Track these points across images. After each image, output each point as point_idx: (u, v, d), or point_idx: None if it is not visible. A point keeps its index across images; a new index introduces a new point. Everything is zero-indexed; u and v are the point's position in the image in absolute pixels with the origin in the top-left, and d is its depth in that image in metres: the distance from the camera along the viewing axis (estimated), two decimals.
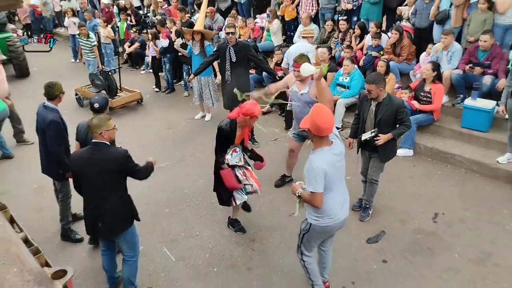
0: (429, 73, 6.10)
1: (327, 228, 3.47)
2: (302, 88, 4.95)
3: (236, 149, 4.46)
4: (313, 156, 3.30)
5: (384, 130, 4.50)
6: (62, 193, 4.69)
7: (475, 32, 6.72)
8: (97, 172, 3.45)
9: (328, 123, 3.20)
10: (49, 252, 4.49)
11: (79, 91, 9.14)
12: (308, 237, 3.59)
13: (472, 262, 4.31)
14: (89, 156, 3.48)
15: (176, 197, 5.64)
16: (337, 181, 3.37)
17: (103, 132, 3.46)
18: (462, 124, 6.42)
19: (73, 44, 12.87)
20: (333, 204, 3.39)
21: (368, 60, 7.65)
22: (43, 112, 4.43)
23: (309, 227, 3.52)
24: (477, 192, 5.50)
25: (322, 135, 3.24)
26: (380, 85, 4.33)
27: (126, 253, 3.84)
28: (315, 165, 3.21)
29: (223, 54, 6.54)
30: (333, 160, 3.28)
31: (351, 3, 8.52)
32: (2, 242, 2.37)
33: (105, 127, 3.47)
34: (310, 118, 3.24)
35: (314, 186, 3.23)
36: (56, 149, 4.40)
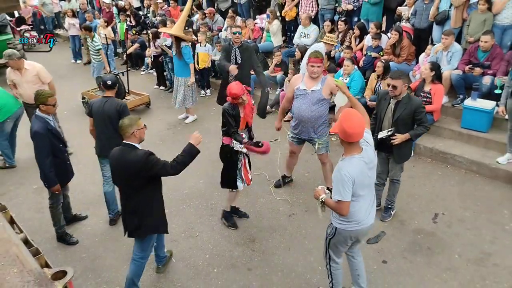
0: (427, 72, 6.11)
1: (353, 232, 3.38)
2: (312, 86, 4.86)
3: (242, 134, 4.56)
4: (342, 164, 3.19)
5: (401, 130, 4.45)
6: (52, 200, 4.63)
7: (475, 32, 6.72)
8: (123, 173, 3.57)
9: (356, 128, 3.06)
10: (49, 252, 4.50)
11: (86, 94, 8.90)
12: (334, 242, 3.51)
13: (472, 262, 4.32)
14: (118, 157, 3.60)
15: (176, 197, 5.64)
16: (365, 187, 3.25)
17: (134, 131, 3.56)
18: (462, 125, 6.42)
19: (73, 45, 12.87)
20: (360, 210, 3.29)
21: (368, 61, 7.65)
22: (32, 122, 4.39)
23: (334, 231, 3.44)
24: (476, 192, 5.50)
25: (350, 141, 3.12)
26: (405, 82, 4.32)
27: (136, 253, 3.85)
28: (343, 173, 3.10)
29: (228, 54, 6.52)
30: (363, 168, 3.17)
31: (352, 4, 8.53)
32: (2, 242, 2.38)
33: (136, 126, 3.57)
34: (339, 122, 3.12)
35: (342, 195, 3.12)
36: (40, 161, 4.33)
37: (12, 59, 6.07)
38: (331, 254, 3.62)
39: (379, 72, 6.88)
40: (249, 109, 4.55)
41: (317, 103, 4.88)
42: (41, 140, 4.27)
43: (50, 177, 4.38)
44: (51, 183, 4.42)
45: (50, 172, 4.35)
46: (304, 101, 4.92)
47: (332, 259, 3.63)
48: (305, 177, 5.99)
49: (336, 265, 3.66)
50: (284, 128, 4.57)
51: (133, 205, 3.65)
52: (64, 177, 4.62)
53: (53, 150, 4.38)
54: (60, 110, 8.92)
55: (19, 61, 6.15)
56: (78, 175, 6.12)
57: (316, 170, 6.00)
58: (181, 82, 7.70)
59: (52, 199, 4.63)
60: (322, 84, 4.86)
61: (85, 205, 5.47)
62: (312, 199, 5.38)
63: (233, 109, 4.45)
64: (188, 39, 7.73)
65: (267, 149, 4.57)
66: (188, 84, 7.68)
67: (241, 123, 4.53)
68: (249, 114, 4.55)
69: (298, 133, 5.19)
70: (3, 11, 8.81)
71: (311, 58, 4.81)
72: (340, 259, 3.66)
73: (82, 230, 5.04)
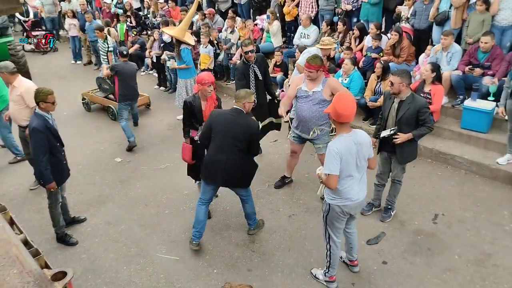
0: (428, 73, 6.10)
1: (346, 207, 3.65)
2: (313, 87, 4.90)
3: None
4: (332, 141, 3.53)
5: (404, 129, 4.45)
6: (50, 200, 4.63)
7: (474, 33, 6.73)
8: (234, 131, 4.20)
9: (347, 110, 3.38)
10: (49, 253, 4.51)
11: (87, 95, 8.90)
12: (330, 218, 3.74)
13: (472, 263, 4.32)
14: (232, 117, 4.25)
15: (176, 198, 5.64)
16: (355, 169, 3.54)
17: (246, 103, 4.25)
18: (462, 125, 6.42)
19: (73, 46, 12.88)
20: (352, 187, 3.59)
21: (368, 62, 7.65)
22: (31, 119, 4.39)
23: (328, 207, 3.70)
24: (476, 193, 5.50)
25: (341, 121, 3.44)
26: (403, 80, 4.32)
27: (242, 194, 4.59)
28: (331, 149, 3.44)
29: (246, 75, 5.80)
30: (351, 146, 3.45)
31: (351, 4, 8.53)
32: (2, 243, 2.37)
33: (248, 99, 4.28)
34: (332, 104, 3.45)
35: (329, 168, 3.43)
36: (37, 158, 4.33)
37: (1, 72, 5.61)
38: (330, 233, 3.84)
39: (379, 73, 6.88)
40: (211, 103, 4.86)
41: (318, 104, 4.89)
42: (39, 137, 4.28)
43: (46, 175, 4.38)
44: (47, 181, 4.42)
45: (46, 169, 4.35)
46: (305, 101, 4.96)
47: (332, 238, 3.84)
48: (305, 178, 5.99)
49: (335, 245, 3.87)
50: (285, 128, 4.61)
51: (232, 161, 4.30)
52: (60, 176, 4.61)
53: (51, 148, 4.39)
54: (60, 110, 8.94)
55: (9, 75, 5.61)
56: (77, 176, 6.16)
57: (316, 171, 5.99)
58: (181, 83, 7.70)
59: (50, 199, 4.63)
60: (323, 85, 4.88)
61: (84, 205, 5.47)
62: (312, 200, 5.44)
63: (194, 101, 4.80)
64: (189, 44, 7.72)
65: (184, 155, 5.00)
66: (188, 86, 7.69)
67: (204, 116, 4.81)
68: (210, 107, 4.83)
69: (299, 133, 5.21)
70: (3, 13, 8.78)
71: (307, 64, 4.86)
72: (339, 238, 3.87)
73: (82, 231, 5.04)
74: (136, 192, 5.83)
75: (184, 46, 7.48)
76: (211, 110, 4.73)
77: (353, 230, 4.06)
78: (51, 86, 4.51)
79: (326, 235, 3.89)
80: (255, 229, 4.86)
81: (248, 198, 4.67)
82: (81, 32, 12.34)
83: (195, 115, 4.83)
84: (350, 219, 3.91)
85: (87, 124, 8.33)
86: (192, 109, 4.81)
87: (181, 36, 7.37)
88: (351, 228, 4.03)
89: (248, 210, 4.72)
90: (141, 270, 4.38)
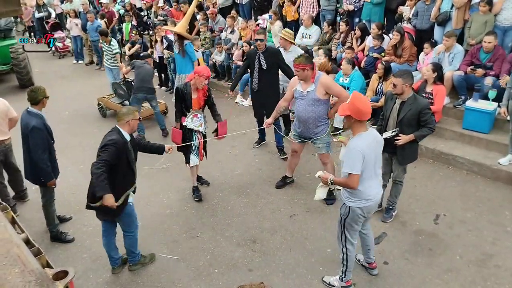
0: (429, 74, 6.08)
1: (365, 208, 3.63)
2: (307, 87, 4.92)
3: (197, 114, 5.25)
4: (352, 140, 3.48)
5: (406, 130, 4.44)
6: (45, 199, 4.68)
7: (477, 34, 6.71)
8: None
9: (367, 107, 3.40)
10: (50, 252, 4.52)
11: (102, 101, 8.68)
12: (349, 221, 3.70)
13: (473, 264, 4.31)
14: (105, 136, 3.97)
15: (177, 198, 5.65)
16: (374, 167, 3.53)
17: (129, 120, 3.92)
18: (464, 126, 6.41)
19: (75, 46, 12.91)
20: (371, 186, 3.58)
21: (370, 62, 7.64)
22: (26, 118, 4.40)
23: (348, 210, 3.64)
24: (478, 193, 5.49)
25: (363, 119, 3.43)
26: (406, 81, 4.31)
27: (125, 230, 4.21)
28: (352, 148, 3.40)
29: (252, 61, 6.20)
30: (371, 142, 3.46)
31: (353, 4, 8.53)
32: (4, 243, 2.38)
33: (132, 116, 3.94)
34: (350, 104, 3.40)
35: (351, 167, 3.39)
36: (38, 156, 4.37)
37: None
38: (347, 235, 3.78)
39: (380, 74, 6.88)
40: (202, 93, 5.22)
41: (313, 104, 4.91)
42: (40, 135, 4.34)
43: (47, 172, 4.46)
44: (48, 178, 4.51)
45: (47, 167, 4.44)
46: (301, 102, 5.01)
47: (348, 240, 3.79)
48: (306, 178, 5.98)
49: (351, 248, 3.83)
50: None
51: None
52: (55, 173, 4.67)
53: (48, 146, 4.46)
54: (61, 110, 9.00)
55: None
56: (79, 175, 6.17)
57: (317, 171, 5.99)
58: (184, 79, 7.69)
59: (45, 197, 4.68)
60: (315, 85, 4.89)
61: None
62: (313, 200, 5.40)
63: (185, 89, 5.15)
64: (190, 38, 7.79)
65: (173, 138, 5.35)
66: None
67: (194, 103, 5.19)
68: (201, 97, 5.23)
69: (300, 133, 5.23)
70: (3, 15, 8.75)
71: (294, 64, 4.88)
72: (355, 240, 3.84)
73: (84, 231, 5.05)
74: (137, 192, 5.78)
75: (187, 41, 7.54)
76: (200, 99, 5.23)
77: (368, 231, 4.03)
78: (52, 86, 4.57)
79: (342, 238, 3.82)
80: (136, 266, 4.41)
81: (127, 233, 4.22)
82: (82, 32, 12.36)
83: (185, 101, 5.18)
84: (366, 219, 3.86)
85: (88, 123, 8.34)
86: (183, 96, 5.16)
87: (183, 31, 7.47)
88: (367, 229, 4.00)
89: (126, 245, 4.28)
90: (142, 269, 4.38)
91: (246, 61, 6.51)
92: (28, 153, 4.45)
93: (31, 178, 4.67)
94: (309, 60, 4.86)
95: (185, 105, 5.22)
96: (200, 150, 5.45)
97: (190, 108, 5.21)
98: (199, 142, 5.39)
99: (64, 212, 5.30)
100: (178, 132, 5.29)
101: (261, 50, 6.12)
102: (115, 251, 4.32)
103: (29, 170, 4.61)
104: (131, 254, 4.33)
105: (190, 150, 5.36)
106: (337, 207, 5.23)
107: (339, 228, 3.83)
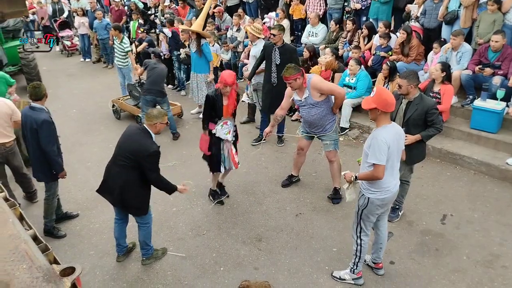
0: (438, 73, 6.04)
1: (384, 200, 3.68)
2: (302, 94, 4.95)
3: (227, 122, 5.00)
4: (377, 131, 3.51)
5: (412, 130, 4.42)
6: (49, 193, 4.75)
7: (485, 33, 6.66)
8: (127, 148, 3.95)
9: (393, 98, 3.48)
10: (58, 249, 4.55)
11: (117, 102, 8.56)
12: (366, 212, 3.74)
13: (480, 264, 4.28)
14: (132, 134, 4.04)
15: (184, 196, 5.64)
16: (395, 158, 3.59)
17: (157, 123, 4.01)
18: (471, 125, 6.36)
19: (82, 44, 12.97)
20: (391, 180, 3.64)
21: (377, 60, 7.61)
22: (32, 114, 4.44)
23: (367, 201, 3.69)
24: (485, 193, 5.46)
25: (388, 111, 3.48)
26: (411, 82, 4.30)
27: (139, 221, 4.26)
28: (379, 138, 3.43)
29: (268, 55, 6.38)
30: (395, 136, 3.52)
31: (360, 3, 8.49)
32: (12, 239, 2.40)
33: (161, 119, 4.03)
34: (376, 96, 3.44)
35: (378, 158, 3.43)
36: (50, 148, 4.46)
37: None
38: (362, 226, 3.83)
39: (386, 74, 6.85)
40: (232, 100, 4.96)
41: (314, 107, 4.95)
42: (50, 128, 4.43)
43: (58, 163, 4.58)
44: (59, 169, 4.62)
45: (59, 158, 4.56)
46: (303, 108, 5.08)
47: (363, 231, 3.85)
48: (312, 177, 5.98)
49: (366, 238, 3.88)
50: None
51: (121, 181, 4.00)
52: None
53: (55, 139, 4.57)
54: (69, 108, 9.06)
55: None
56: (86, 173, 6.21)
57: (323, 170, 5.99)
58: (201, 78, 7.70)
59: (49, 191, 4.74)
60: (309, 90, 4.90)
61: (93, 202, 5.50)
62: (319, 199, 5.43)
63: (216, 96, 4.89)
64: (207, 36, 7.80)
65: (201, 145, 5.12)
66: (208, 81, 7.74)
67: (224, 111, 4.94)
68: (231, 104, 4.98)
69: (308, 131, 5.26)
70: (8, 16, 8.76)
71: (284, 77, 4.84)
72: (369, 231, 3.89)
73: (90, 228, 5.08)
74: None
75: (205, 41, 7.56)
76: (231, 106, 4.98)
77: (384, 227, 4.03)
78: (60, 84, 4.59)
79: (357, 229, 3.87)
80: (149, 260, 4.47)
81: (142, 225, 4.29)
82: (90, 30, 12.42)
83: (216, 109, 4.92)
84: (384, 214, 3.92)
85: (95, 121, 8.38)
86: (214, 103, 4.90)
87: (200, 30, 7.46)
88: (382, 226, 4.01)
89: (140, 238, 4.36)
90: (148, 267, 4.40)
91: (262, 53, 6.59)
92: (38, 148, 4.49)
93: (39, 175, 4.70)
94: (297, 69, 4.81)
95: (216, 113, 4.96)
96: (233, 158, 5.21)
97: (221, 116, 4.97)
98: (229, 151, 5.16)
99: (71, 209, 5.34)
100: (205, 139, 5.09)
101: (278, 44, 6.28)
102: (124, 240, 4.45)
103: (38, 166, 4.64)
104: (145, 247, 4.38)
105: (218, 159, 5.14)
106: (342, 206, 5.26)
107: (355, 219, 3.88)
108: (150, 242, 4.39)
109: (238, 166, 5.37)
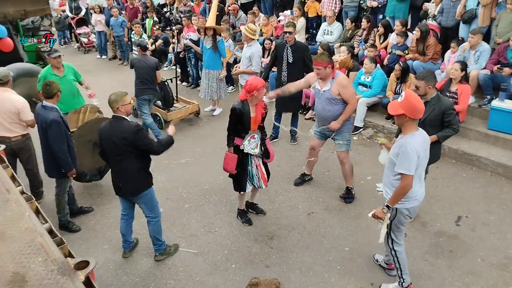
0: (457, 73, 5.92)
1: (412, 209, 3.58)
2: (323, 86, 4.91)
3: (254, 135, 4.51)
4: (405, 139, 3.36)
5: (429, 131, 4.27)
6: (59, 188, 4.80)
7: (504, 32, 6.53)
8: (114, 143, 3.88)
9: (422, 105, 3.34)
10: (72, 243, 4.62)
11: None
12: (396, 223, 3.65)
13: (495, 267, 4.21)
14: (109, 129, 3.93)
15: (196, 193, 5.69)
16: (423, 167, 3.48)
17: (119, 106, 3.89)
18: (489, 126, 6.26)
19: (99, 41, 13.10)
20: (419, 189, 3.54)
21: (393, 59, 7.52)
22: (43, 112, 4.49)
23: (395, 212, 3.58)
24: (502, 195, 5.36)
25: (416, 117, 3.36)
26: (429, 83, 4.25)
27: (147, 215, 4.27)
28: (409, 148, 3.29)
29: (280, 53, 6.36)
30: (423, 144, 3.40)
31: (376, 1, 8.40)
32: (28, 232, 2.44)
33: (122, 102, 3.90)
34: (404, 101, 3.28)
35: (408, 168, 3.31)
36: (58, 148, 4.49)
37: None
38: (393, 238, 3.72)
39: (398, 75, 6.78)
40: (260, 109, 4.47)
41: (330, 104, 4.90)
42: (59, 127, 4.46)
43: (68, 162, 4.59)
44: (68, 168, 4.64)
45: (67, 157, 4.58)
46: (319, 100, 5.03)
47: (396, 242, 3.73)
48: (325, 176, 5.95)
49: (400, 249, 3.75)
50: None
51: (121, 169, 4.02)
52: (74, 163, 4.75)
53: (66, 137, 4.58)
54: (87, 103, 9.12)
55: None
56: None
57: (336, 169, 5.95)
58: (214, 75, 7.74)
59: (60, 187, 4.80)
60: (331, 84, 4.85)
61: (107, 197, 5.57)
62: (332, 198, 5.40)
63: (243, 108, 4.36)
64: (222, 30, 7.83)
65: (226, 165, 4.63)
66: (220, 77, 7.78)
67: (252, 123, 4.44)
68: (260, 114, 4.49)
69: (321, 130, 5.21)
70: (31, 14, 8.87)
71: (314, 61, 4.84)
72: (402, 241, 3.77)
73: (104, 222, 5.14)
74: (157, 185, 5.83)
75: (220, 37, 7.59)
76: (259, 116, 4.49)
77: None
78: None
79: (389, 242, 3.74)
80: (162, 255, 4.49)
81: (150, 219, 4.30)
82: (106, 27, 12.54)
83: (242, 122, 4.41)
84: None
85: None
86: (241, 116, 4.37)
87: (214, 24, 7.50)
88: None
89: (150, 233, 4.39)
90: (160, 262, 4.44)
91: (274, 52, 6.57)
92: (48, 146, 4.55)
93: (50, 171, 4.76)
94: (330, 58, 4.84)
95: (243, 126, 4.43)
96: (262, 176, 4.74)
97: (248, 129, 4.46)
98: (257, 166, 4.69)
99: (86, 204, 5.41)
100: (232, 158, 4.51)
101: (290, 43, 6.25)
102: (130, 235, 4.52)
103: (48, 163, 4.71)
104: (156, 242, 4.41)
105: (244, 177, 4.67)
106: (355, 206, 5.22)
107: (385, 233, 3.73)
108: (161, 237, 4.43)
109: (268, 185, 4.89)
